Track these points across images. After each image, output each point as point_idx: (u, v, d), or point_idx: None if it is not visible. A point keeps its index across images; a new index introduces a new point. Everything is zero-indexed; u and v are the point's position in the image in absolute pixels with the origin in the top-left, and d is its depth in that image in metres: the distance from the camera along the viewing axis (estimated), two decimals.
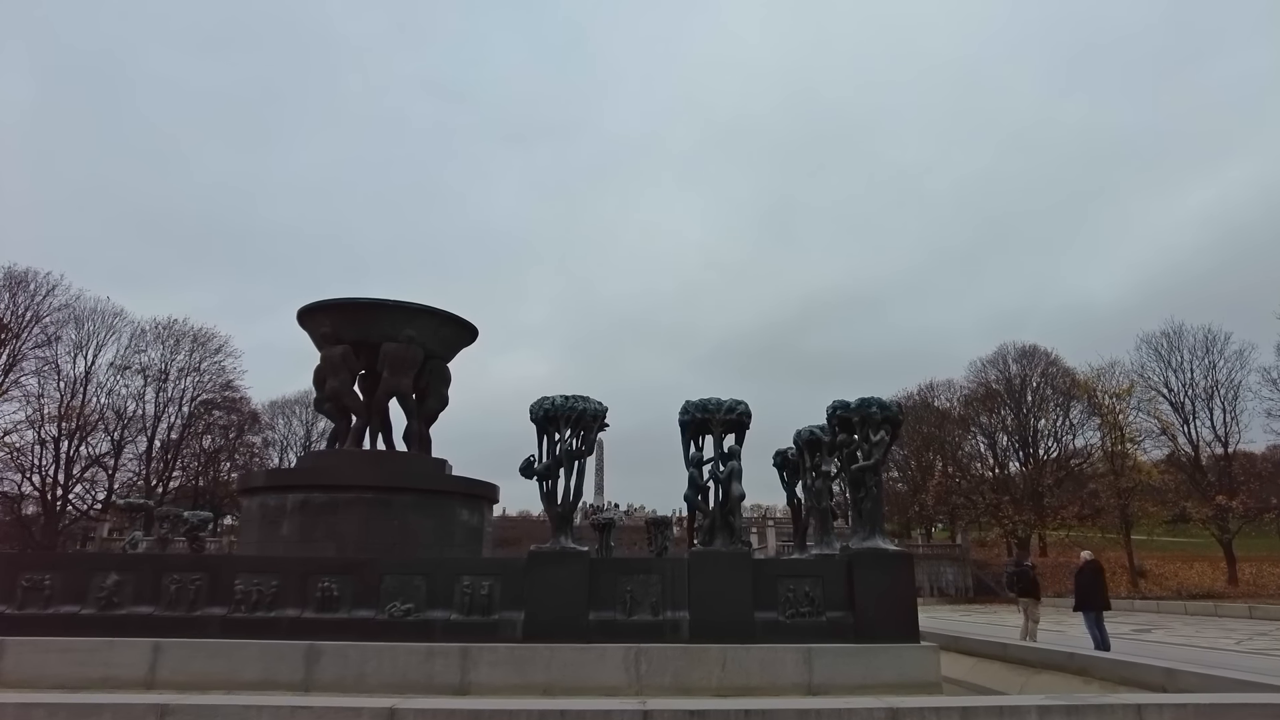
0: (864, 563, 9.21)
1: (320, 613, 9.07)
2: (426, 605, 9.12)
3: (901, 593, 9.17)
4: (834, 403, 9.79)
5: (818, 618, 9.06)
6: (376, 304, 15.75)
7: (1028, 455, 54.20)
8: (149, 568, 9.55)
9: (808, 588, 9.15)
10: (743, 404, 9.70)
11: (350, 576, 9.26)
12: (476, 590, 9.09)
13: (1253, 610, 26.74)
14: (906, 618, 9.08)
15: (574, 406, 9.38)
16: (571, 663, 8.54)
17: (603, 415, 9.67)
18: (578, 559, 9.12)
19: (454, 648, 8.63)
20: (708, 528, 9.39)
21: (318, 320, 15.96)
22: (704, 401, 9.64)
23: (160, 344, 54.41)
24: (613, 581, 9.11)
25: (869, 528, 9.44)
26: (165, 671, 8.51)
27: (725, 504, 9.41)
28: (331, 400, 16.09)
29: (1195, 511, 44.88)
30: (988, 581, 48.86)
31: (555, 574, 9.03)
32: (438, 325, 16.25)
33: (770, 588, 9.14)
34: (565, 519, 9.37)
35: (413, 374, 15.91)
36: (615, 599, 9.06)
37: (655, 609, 9.04)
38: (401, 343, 15.64)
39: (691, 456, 9.57)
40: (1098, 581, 14.64)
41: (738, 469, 9.43)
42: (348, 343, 15.27)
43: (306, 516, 13.62)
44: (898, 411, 9.60)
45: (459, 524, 14.00)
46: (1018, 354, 56.95)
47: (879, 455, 9.48)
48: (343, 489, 13.52)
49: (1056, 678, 10.06)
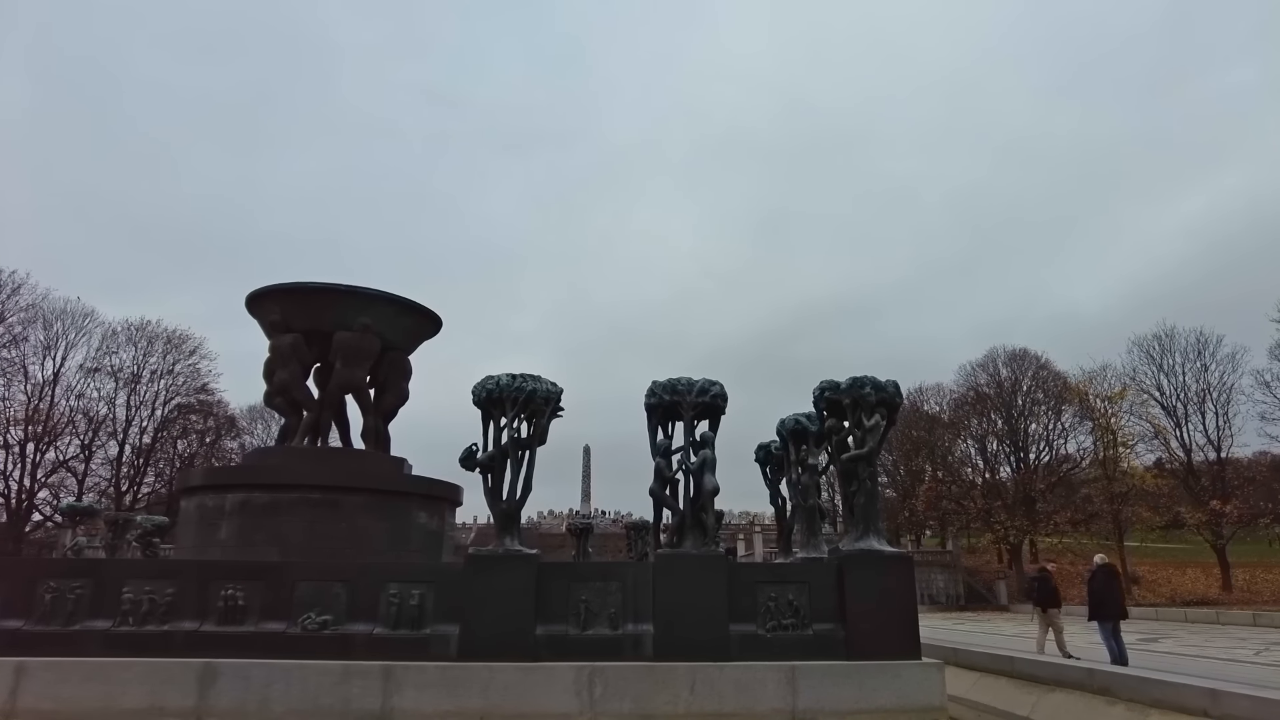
0: (857, 567, 7.96)
1: (222, 625, 7.72)
2: (347, 617, 7.81)
3: (900, 601, 7.91)
4: (821, 383, 8.51)
5: (803, 631, 7.82)
6: (329, 289, 15.08)
7: (1019, 460, 53.18)
8: (19, 575, 8.17)
9: (792, 596, 7.91)
10: (717, 385, 8.45)
11: (259, 583, 7.92)
12: (405, 600, 7.79)
13: (1257, 618, 25.73)
14: (906, 630, 7.84)
15: (521, 387, 8.10)
16: (514, 685, 7.28)
17: (556, 398, 8.40)
18: (523, 564, 7.82)
19: (375, 667, 7.35)
20: (676, 527, 8.12)
21: (266, 306, 15.35)
22: (673, 382, 8.39)
23: (132, 346, 52.71)
24: (565, 590, 7.83)
25: (862, 526, 8.17)
26: (28, 698, 7.15)
27: (697, 499, 8.14)
28: (280, 394, 15.43)
29: (1190, 517, 43.97)
30: (979, 589, 48.00)
31: (497, 581, 7.74)
32: (396, 314, 15.54)
33: (748, 596, 7.89)
34: (510, 518, 8.07)
35: (368, 366, 15.34)
36: (568, 610, 7.78)
37: (614, 621, 7.77)
38: (356, 331, 15.01)
39: (658, 444, 8.31)
40: (1112, 587, 13.27)
41: (711, 459, 8.15)
42: (299, 331, 14.50)
43: (246, 518, 12.80)
44: (895, 392, 8.32)
45: (416, 527, 12.98)
46: (1008, 357, 55.95)
47: (873, 443, 8.20)
48: (286, 488, 12.81)
49: (1073, 698, 8.86)
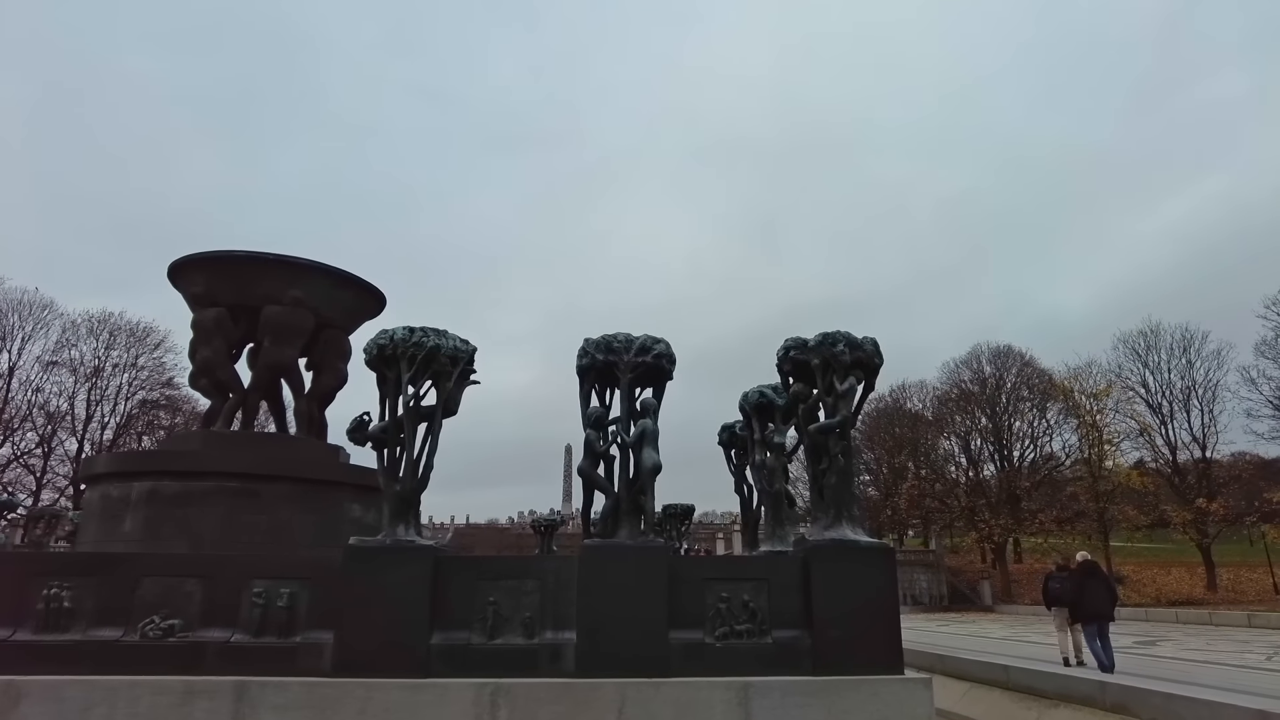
0: (826, 560, 6.54)
1: (39, 634, 6.21)
2: (200, 622, 6.32)
3: (879, 602, 6.48)
4: (786, 342, 7.07)
5: (761, 639, 6.41)
6: (257, 258, 13.72)
7: (1003, 458, 52.18)
8: None
9: (747, 596, 6.48)
10: (662, 343, 7.01)
11: (92, 579, 6.41)
12: (273, 600, 6.32)
13: (1251, 619, 24.67)
14: (886, 637, 6.43)
15: (420, 342, 6.63)
16: (398, 706, 5.82)
17: (466, 359, 6.94)
18: (417, 557, 6.33)
19: (227, 683, 5.88)
20: (609, 512, 6.66)
21: (189, 277, 13.94)
22: (608, 339, 6.94)
23: (93, 338, 50.55)
24: (470, 590, 6.36)
25: (834, 512, 6.74)
26: None
27: (635, 479, 6.70)
28: (204, 374, 13.91)
29: (1175, 515, 43.16)
30: (963, 589, 47.01)
31: (385, 578, 6.25)
32: (333, 287, 14.10)
33: (695, 597, 6.45)
34: (406, 502, 6.58)
35: (300, 344, 13.92)
36: (472, 614, 6.32)
37: (529, 628, 6.31)
38: (287, 306, 13.53)
39: (589, 413, 6.84)
40: (1094, 586, 11.61)
41: (652, 430, 6.70)
42: (224, 305, 13.06)
43: (154, 509, 11.37)
44: (874, 351, 6.89)
45: (349, 521, 11.59)
46: (991, 354, 55.05)
47: (847, 411, 6.77)
48: (200, 476, 11.27)
49: (1082, 715, 7.51)
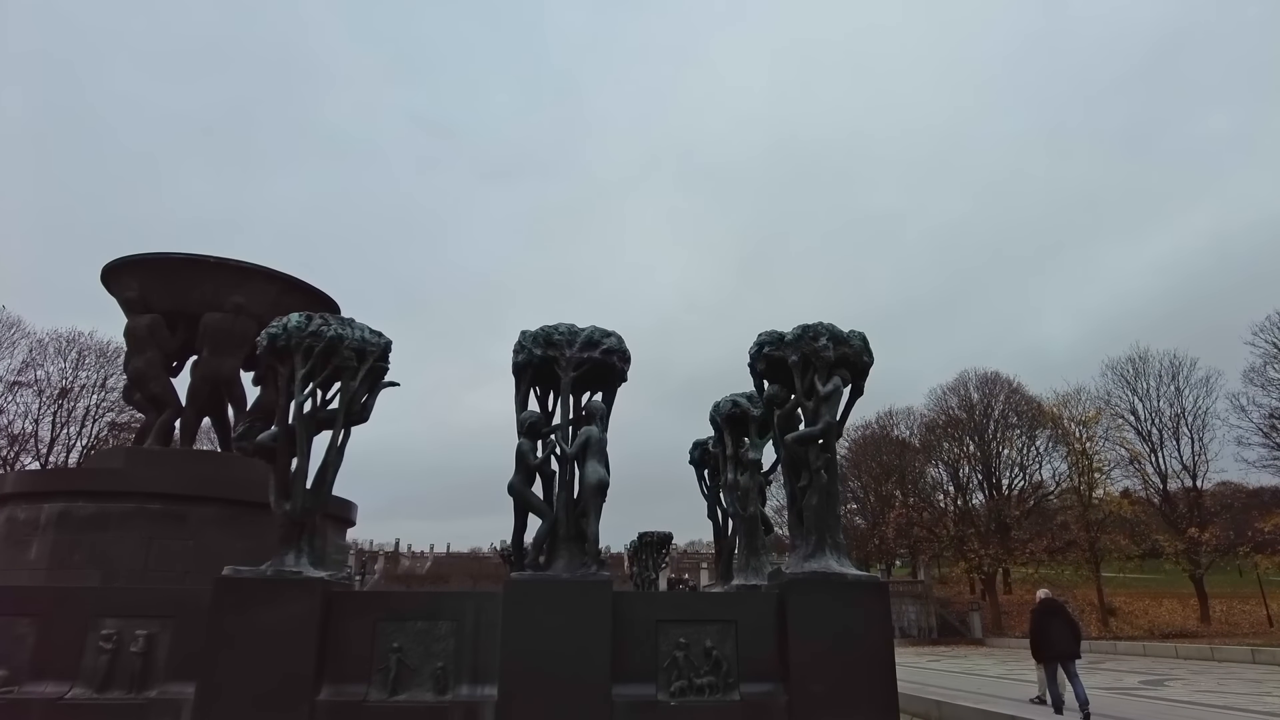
0: (806, 597, 5.40)
1: None
2: (30, 673, 5.08)
3: (870, 648, 5.34)
4: (760, 337, 5.99)
5: (726, 694, 5.24)
6: (195, 261, 13.05)
7: (992, 486, 51.23)
8: None
9: (710, 642, 5.32)
10: (613, 336, 5.93)
11: None
12: (125, 644, 5.10)
13: (1255, 654, 23.55)
14: (877, 691, 5.28)
15: (319, 332, 5.49)
16: None
17: (378, 353, 5.81)
18: (303, 592, 5.14)
19: None
20: (542, 538, 5.50)
21: (122, 281, 13.18)
22: (547, 331, 5.84)
23: (61, 358, 48.96)
24: (368, 632, 5.17)
25: (815, 539, 5.60)
26: None
27: (577, 500, 5.56)
28: (137, 386, 12.93)
29: (1168, 545, 42.23)
30: (952, 621, 45.75)
31: (261, 618, 5.05)
32: (278, 294, 13.27)
33: (645, 642, 5.28)
34: (297, 525, 5.40)
35: (242, 354, 12.97)
36: (371, 664, 5.12)
37: (441, 682, 5.12)
38: (227, 313, 12.65)
39: (522, 418, 5.70)
40: (1056, 625, 10.85)
41: (597, 439, 5.57)
42: (159, 311, 12.41)
43: (64, 534, 10.45)
44: (862, 348, 5.80)
45: None
46: (979, 381, 54.53)
47: (830, 416, 5.66)
48: (119, 496, 10.30)
49: None
